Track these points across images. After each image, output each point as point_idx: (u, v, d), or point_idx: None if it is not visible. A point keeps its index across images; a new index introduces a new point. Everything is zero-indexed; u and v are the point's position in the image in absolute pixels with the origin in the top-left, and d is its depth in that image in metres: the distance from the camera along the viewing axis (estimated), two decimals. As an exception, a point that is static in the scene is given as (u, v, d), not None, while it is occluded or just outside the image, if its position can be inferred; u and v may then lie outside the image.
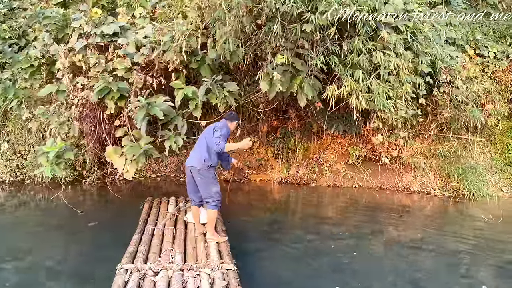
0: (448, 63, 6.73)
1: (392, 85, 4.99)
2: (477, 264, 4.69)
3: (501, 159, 8.18)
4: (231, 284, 3.52)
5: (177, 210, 5.43)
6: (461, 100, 6.61)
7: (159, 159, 9.35)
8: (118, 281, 3.50)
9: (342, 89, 4.50)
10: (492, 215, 6.35)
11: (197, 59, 5.29)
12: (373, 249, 5.15)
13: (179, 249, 4.20)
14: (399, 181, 8.22)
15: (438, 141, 8.19)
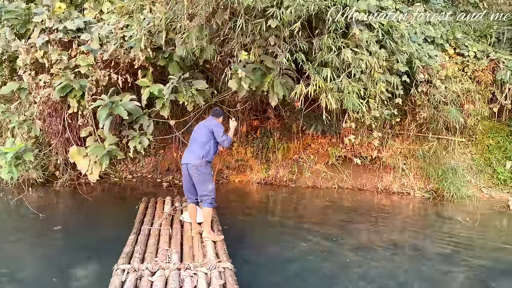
0: (426, 62, 6.62)
1: (365, 84, 4.83)
2: (449, 270, 4.55)
3: (482, 160, 8.10)
4: (228, 283, 3.53)
5: (173, 210, 5.42)
6: (439, 100, 6.49)
7: (136, 159, 9.15)
8: (115, 281, 3.47)
9: (309, 87, 4.33)
10: (469, 218, 6.23)
11: (164, 56, 5.07)
12: (345, 253, 4.99)
13: (176, 248, 4.19)
14: (379, 182, 8.10)
15: (418, 142, 8.08)
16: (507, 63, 7.21)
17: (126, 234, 4.59)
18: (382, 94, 5.62)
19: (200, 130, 4.62)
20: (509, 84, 7.20)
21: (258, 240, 5.37)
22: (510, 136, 8.19)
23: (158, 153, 9.01)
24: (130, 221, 6.11)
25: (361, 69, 4.80)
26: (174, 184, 8.19)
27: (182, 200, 5.78)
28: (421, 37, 6.70)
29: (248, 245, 5.10)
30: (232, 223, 5.79)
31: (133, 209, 6.77)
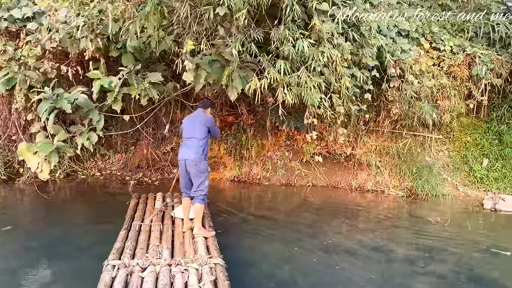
0: (398, 57, 6.40)
1: (327, 78, 4.59)
2: (408, 274, 4.34)
3: (459, 157, 7.92)
4: (218, 279, 3.52)
5: (164, 206, 5.39)
6: (410, 96, 6.27)
7: (106, 156, 8.86)
8: (105, 277, 3.44)
9: (263, 81, 4.08)
10: (441, 218, 6.04)
11: (117, 47, 4.79)
12: (306, 254, 4.77)
13: (167, 244, 4.18)
14: (353, 179, 7.89)
15: (394, 138, 7.89)
16: (483, 58, 7.02)
17: (81, 233, 4.36)
18: (348, 90, 5.41)
19: (195, 125, 4.58)
20: (485, 79, 7.01)
21: (231, 239, 5.11)
22: (487, 133, 8.02)
23: (129, 150, 8.72)
24: (87, 220, 5.88)
25: (324, 63, 4.55)
26: (143, 182, 7.93)
27: (173, 196, 5.82)
28: (393, 31, 6.47)
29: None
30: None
31: (92, 207, 6.55)
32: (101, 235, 5.14)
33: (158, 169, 8.34)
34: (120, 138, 8.38)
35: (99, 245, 4.79)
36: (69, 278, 4.09)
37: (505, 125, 7.94)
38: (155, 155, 8.35)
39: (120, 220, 5.70)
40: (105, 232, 5.27)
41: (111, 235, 4.92)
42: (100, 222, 5.67)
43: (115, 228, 5.45)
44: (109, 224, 5.54)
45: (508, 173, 7.51)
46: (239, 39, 3.88)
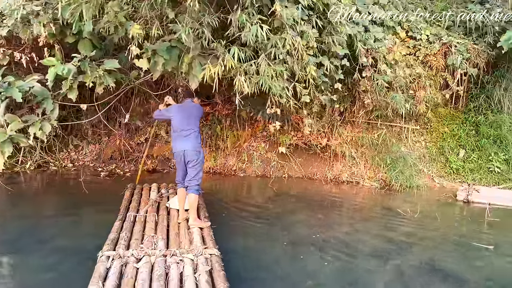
0: (371, 45, 6.26)
1: (290, 67, 4.45)
2: (372, 268, 4.26)
3: (435, 148, 7.86)
4: (214, 269, 3.51)
5: (159, 197, 5.38)
6: (381, 85, 6.15)
7: (79, 147, 8.68)
8: (100, 268, 3.41)
9: (217, 68, 3.92)
10: (412, 209, 5.96)
11: (73, 33, 4.59)
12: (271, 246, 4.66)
13: (162, 235, 4.17)
14: (329, 171, 7.80)
15: (371, 129, 7.79)
16: (459, 47, 6.90)
17: (44, 226, 4.20)
18: (315, 79, 5.27)
19: (190, 116, 4.56)
20: (461, 69, 6.90)
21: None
22: (464, 124, 7.96)
23: (103, 141, 8.54)
24: (53, 212, 5.71)
25: (286, 50, 4.40)
26: (115, 173, 7.77)
27: (168, 187, 5.82)
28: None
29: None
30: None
31: (59, 199, 6.38)
32: (65, 227, 5.03)
33: (131, 160, 8.18)
34: (91, 128, 8.19)
35: (61, 237, 4.70)
36: (26, 272, 3.94)
37: (482, 116, 7.87)
38: (128, 146, 8.18)
39: (87, 211, 5.61)
40: (69, 224, 5.16)
41: (75, 227, 4.80)
42: (66, 214, 5.53)
43: (79, 220, 5.38)
44: (75, 216, 5.45)
45: (484, 164, 7.46)
46: (190, 24, 3.72)
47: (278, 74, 4.30)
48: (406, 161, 7.40)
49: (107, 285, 3.19)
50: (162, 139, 8.38)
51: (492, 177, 7.33)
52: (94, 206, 5.75)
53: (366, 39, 6.11)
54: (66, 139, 8.60)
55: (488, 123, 7.67)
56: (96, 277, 3.27)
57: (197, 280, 3.31)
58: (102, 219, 5.29)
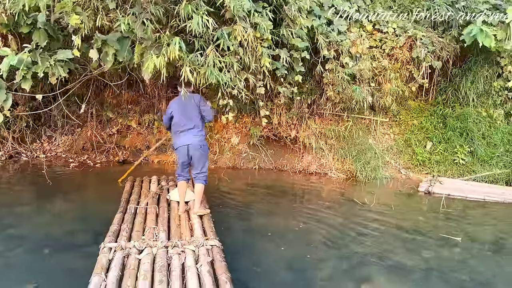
0: (334, 38, 6.32)
1: (241, 58, 4.50)
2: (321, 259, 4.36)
3: (403, 141, 7.96)
4: (215, 260, 3.55)
5: (160, 189, 5.43)
6: (343, 78, 6.22)
7: (52, 137, 8.71)
8: (102, 259, 3.45)
9: (159, 58, 3.96)
10: (369, 200, 6.05)
11: (27, 23, 4.61)
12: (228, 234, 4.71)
13: (163, 227, 4.21)
14: (299, 162, 7.89)
15: (341, 121, 7.88)
16: (424, 40, 6.97)
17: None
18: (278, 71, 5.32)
19: (192, 108, 4.48)
20: (426, 62, 6.98)
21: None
22: (432, 117, 8.06)
23: (75, 132, 8.56)
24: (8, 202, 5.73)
25: (237, 42, 4.45)
26: (85, 164, 7.82)
27: (169, 179, 5.88)
28: (330, 11, 6.36)
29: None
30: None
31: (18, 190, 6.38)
32: (20, 216, 5.07)
33: (103, 152, 8.22)
34: (61, 119, 8.22)
35: (13, 227, 4.74)
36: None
37: (450, 109, 7.97)
38: (100, 137, 8.22)
39: (44, 202, 5.65)
40: (24, 213, 5.21)
41: (29, 217, 4.83)
42: (24, 204, 5.58)
43: (35, 210, 5.41)
44: (27, 206, 5.47)
45: (450, 156, 7.58)
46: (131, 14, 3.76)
47: (229, 65, 4.35)
48: (372, 153, 7.50)
49: (109, 276, 3.22)
50: (134, 130, 8.42)
51: (457, 169, 7.45)
52: (54, 196, 5.81)
53: (328, 32, 6.15)
54: (39, 130, 8.65)
55: (455, 115, 7.77)
56: (99, 268, 3.32)
57: (198, 270, 3.35)
58: (58, 209, 5.36)
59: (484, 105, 7.83)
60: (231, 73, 4.29)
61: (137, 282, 3.16)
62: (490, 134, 7.63)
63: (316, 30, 5.89)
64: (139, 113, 8.43)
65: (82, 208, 5.49)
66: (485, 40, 6.39)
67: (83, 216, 5.17)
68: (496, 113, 7.72)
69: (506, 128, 7.74)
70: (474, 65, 7.75)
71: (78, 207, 5.52)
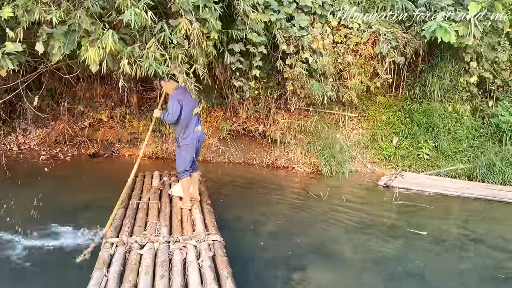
0: (295, 33, 6.39)
1: (187, 50, 4.58)
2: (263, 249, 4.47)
3: (370, 135, 8.04)
4: (217, 255, 3.57)
5: (162, 184, 5.44)
6: (300, 73, 6.30)
7: (27, 130, 8.83)
8: (104, 254, 3.49)
9: (94, 49, 4.05)
10: (324, 193, 6.14)
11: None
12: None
13: (165, 222, 4.25)
14: (268, 156, 7.98)
15: (310, 116, 7.95)
16: (387, 35, 7.03)
17: None
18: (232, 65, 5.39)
19: (192, 102, 4.61)
20: (389, 58, 7.04)
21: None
22: (399, 112, 8.13)
23: (49, 125, 8.68)
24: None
25: (183, 35, 4.53)
26: (56, 157, 7.93)
27: (171, 174, 5.89)
28: (290, 7, 6.42)
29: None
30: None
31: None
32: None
33: (75, 145, 8.33)
34: (32, 112, 8.32)
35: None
36: None
37: (417, 104, 8.04)
38: (71, 130, 8.32)
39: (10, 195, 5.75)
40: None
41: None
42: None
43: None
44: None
45: (415, 151, 7.66)
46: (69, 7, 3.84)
47: (173, 58, 4.44)
48: (339, 147, 7.59)
49: (111, 271, 3.25)
50: (106, 124, 8.52)
51: (422, 163, 7.53)
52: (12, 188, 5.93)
53: (287, 27, 6.22)
54: (14, 123, 8.77)
55: (421, 111, 7.84)
56: (101, 263, 3.34)
57: (200, 265, 3.37)
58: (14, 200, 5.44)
59: (451, 101, 7.89)
60: (176, 66, 4.37)
61: (139, 277, 3.19)
62: (456, 130, 7.70)
63: (274, 25, 5.95)
64: (111, 107, 8.52)
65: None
66: (444, 35, 6.45)
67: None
68: (462, 109, 7.78)
69: (472, 124, 7.81)
70: (441, 60, 7.81)
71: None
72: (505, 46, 7.60)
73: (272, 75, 7.40)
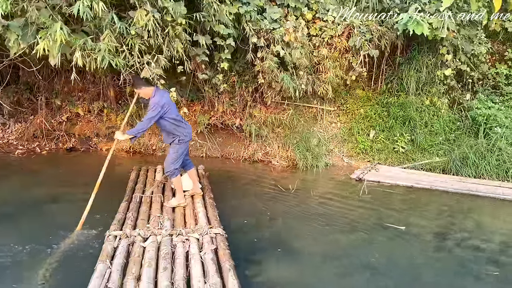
0: (266, 26, 6.34)
1: (148, 41, 4.54)
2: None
3: (347, 129, 8.02)
4: (219, 248, 3.63)
5: (165, 178, 5.46)
6: (269, 66, 6.26)
7: (6, 125, 8.80)
8: (107, 247, 3.54)
9: (44, 42, 4.01)
10: (292, 187, 6.12)
11: None
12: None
13: (168, 215, 4.33)
14: (245, 150, 7.96)
15: (288, 110, 7.93)
16: (362, 28, 6.98)
17: None
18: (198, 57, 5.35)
19: (173, 103, 4.68)
20: (363, 51, 7.00)
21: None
22: (377, 105, 8.10)
23: (28, 119, 8.65)
24: None
25: (142, 26, 4.49)
26: (32, 151, 7.91)
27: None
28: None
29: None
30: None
31: None
32: None
33: (53, 139, 8.31)
34: (8, 106, 8.29)
35: None
36: None
37: (394, 97, 8.01)
38: (49, 125, 8.30)
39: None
40: None
41: None
42: None
43: None
44: None
45: (390, 144, 7.64)
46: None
47: (131, 49, 4.41)
48: (316, 141, 7.57)
49: (114, 263, 3.30)
50: (84, 118, 8.49)
51: (397, 157, 7.52)
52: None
53: (258, 20, 6.17)
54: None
55: (398, 104, 7.82)
56: (104, 256, 3.39)
57: (202, 258, 3.43)
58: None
59: (429, 94, 7.86)
60: (135, 57, 4.34)
61: (142, 269, 3.23)
62: (433, 123, 7.68)
63: (243, 17, 5.91)
64: (89, 101, 8.49)
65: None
66: (416, 28, 6.40)
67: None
68: (439, 102, 7.75)
69: (449, 117, 7.79)
70: (418, 54, 7.77)
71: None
72: (481, 39, 7.56)
73: (248, 69, 7.36)
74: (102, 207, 4.64)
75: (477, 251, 4.36)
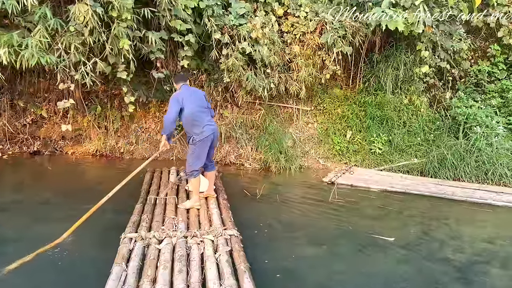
0: (231, 22, 6.00)
1: (86, 38, 4.19)
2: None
3: (324, 130, 7.69)
4: (234, 249, 3.60)
5: (179, 180, 5.50)
6: (233, 64, 5.92)
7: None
8: (123, 250, 3.52)
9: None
10: (259, 191, 5.78)
11: None
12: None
13: (182, 217, 4.30)
14: (217, 152, 7.61)
15: (261, 110, 7.60)
16: (334, 24, 6.65)
17: None
18: (152, 54, 5.00)
19: (203, 100, 4.60)
20: (336, 48, 6.67)
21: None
22: (354, 105, 7.78)
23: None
24: None
25: (82, 22, 4.14)
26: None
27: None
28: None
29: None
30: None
31: None
32: None
33: (16, 142, 7.94)
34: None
35: None
36: None
37: (372, 96, 7.70)
38: (12, 128, 7.92)
39: None
40: None
41: None
42: None
43: None
44: None
45: (367, 145, 7.32)
46: None
47: (66, 47, 4.05)
48: (289, 142, 7.24)
49: (130, 266, 3.27)
50: (49, 120, 8.13)
51: (374, 158, 7.21)
52: None
53: (222, 16, 5.83)
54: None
55: (375, 103, 7.50)
56: (120, 258, 3.36)
57: (217, 260, 3.40)
58: None
59: (408, 92, 7.55)
60: (73, 55, 3.98)
61: (157, 271, 3.21)
62: (412, 122, 7.37)
63: (205, 12, 5.56)
64: (54, 102, 8.11)
65: None
66: (390, 23, 6.08)
67: None
68: (418, 101, 7.44)
69: (429, 116, 7.48)
70: (396, 50, 7.45)
71: None
72: (461, 35, 7.25)
73: (217, 67, 7.01)
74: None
75: (447, 264, 4.02)
